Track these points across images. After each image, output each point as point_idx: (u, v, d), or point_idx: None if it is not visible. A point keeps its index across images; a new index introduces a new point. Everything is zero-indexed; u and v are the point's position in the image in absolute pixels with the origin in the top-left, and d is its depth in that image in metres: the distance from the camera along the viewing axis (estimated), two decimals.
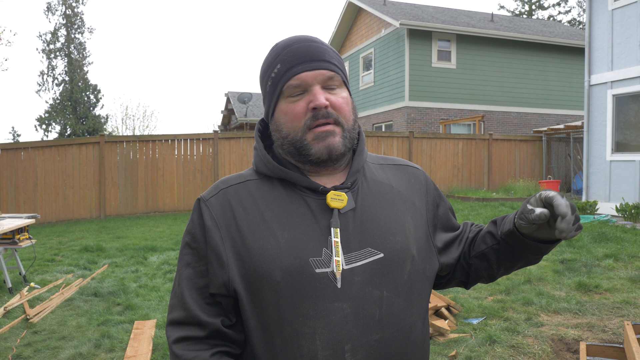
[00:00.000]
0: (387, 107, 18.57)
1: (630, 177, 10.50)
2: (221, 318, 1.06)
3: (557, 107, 19.13)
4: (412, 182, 1.22)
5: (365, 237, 1.07)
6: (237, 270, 1.04)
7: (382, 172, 1.20)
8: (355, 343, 1.01)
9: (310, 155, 1.07)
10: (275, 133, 1.12)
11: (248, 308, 1.04)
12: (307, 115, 1.06)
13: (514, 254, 1.15)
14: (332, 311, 1.01)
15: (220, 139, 13.34)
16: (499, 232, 1.16)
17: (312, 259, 1.02)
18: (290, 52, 1.08)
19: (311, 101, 1.06)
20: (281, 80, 1.08)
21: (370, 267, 1.05)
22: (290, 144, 1.09)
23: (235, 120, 26.84)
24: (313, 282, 1.01)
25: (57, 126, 32.89)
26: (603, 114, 11.13)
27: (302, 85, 1.07)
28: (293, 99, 1.08)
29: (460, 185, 15.40)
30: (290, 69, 1.07)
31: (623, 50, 10.64)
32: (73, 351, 4.03)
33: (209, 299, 1.06)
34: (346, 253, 1.04)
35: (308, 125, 1.06)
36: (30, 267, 6.80)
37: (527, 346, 3.91)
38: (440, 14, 19.96)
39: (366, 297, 1.03)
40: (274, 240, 1.04)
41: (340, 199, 1.07)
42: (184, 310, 1.06)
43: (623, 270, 5.92)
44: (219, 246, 1.05)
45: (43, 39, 33.10)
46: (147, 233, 9.87)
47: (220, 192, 1.11)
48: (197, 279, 1.07)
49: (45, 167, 11.75)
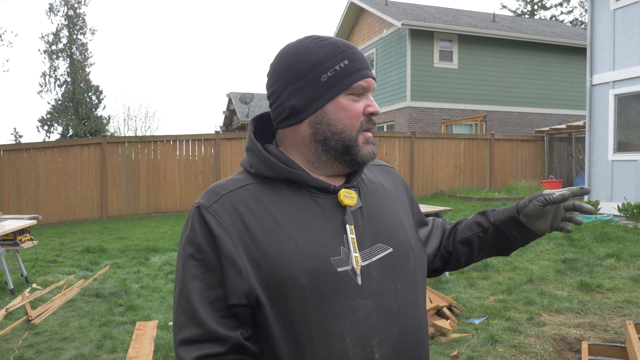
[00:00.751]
0: (389, 107, 18.57)
1: (632, 176, 10.48)
2: (240, 330, 1.01)
3: (559, 107, 19.11)
4: (395, 182, 1.30)
5: (375, 233, 1.10)
6: (255, 277, 1.00)
7: (371, 173, 1.26)
8: (381, 337, 1.03)
9: (358, 156, 1.11)
10: (323, 126, 1.10)
11: (271, 315, 1.00)
12: (363, 118, 1.10)
13: (499, 240, 1.28)
14: (357, 308, 1.02)
15: (222, 139, 13.35)
16: (492, 219, 1.29)
17: (332, 258, 1.03)
18: (356, 54, 1.12)
19: (369, 106, 1.11)
20: (351, 77, 1.08)
21: (384, 261, 1.08)
22: (341, 141, 1.09)
23: (237, 121, 26.86)
24: (336, 282, 1.01)
25: (59, 127, 32.93)
26: (605, 114, 11.11)
27: (367, 88, 1.11)
28: (355, 98, 1.10)
29: (462, 185, 15.39)
30: (361, 69, 1.10)
31: (625, 50, 10.62)
32: (75, 352, 4.03)
33: (224, 312, 1.00)
34: (360, 250, 1.06)
35: (363, 127, 1.10)
36: (32, 268, 6.81)
37: (529, 346, 3.90)
38: (442, 14, 19.95)
39: (384, 291, 1.06)
40: (292, 243, 1.02)
41: (352, 197, 1.10)
42: (198, 326, 0.99)
43: (625, 270, 5.91)
44: (234, 254, 1.01)
45: (45, 39, 33.15)
46: (149, 234, 9.88)
47: (222, 197, 1.07)
48: (208, 291, 1.01)
49: (47, 168, 11.77)
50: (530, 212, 1.20)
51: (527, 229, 1.22)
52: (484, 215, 1.31)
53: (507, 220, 1.24)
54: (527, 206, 1.20)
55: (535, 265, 6.32)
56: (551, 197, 1.15)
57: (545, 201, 1.16)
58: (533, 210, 1.19)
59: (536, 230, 1.22)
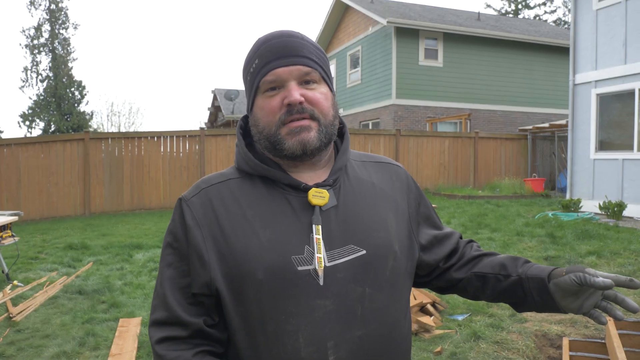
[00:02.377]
0: (374, 104, 18.62)
1: (613, 175, 10.63)
2: (203, 318, 1.05)
3: (543, 106, 19.31)
4: (393, 180, 1.23)
5: (348, 234, 1.07)
6: (219, 270, 1.04)
7: (364, 170, 1.21)
8: (338, 339, 1.02)
9: (284, 149, 1.07)
10: (253, 128, 1.13)
11: (231, 307, 1.04)
12: (282, 110, 1.06)
13: (515, 293, 1.17)
14: (315, 308, 1.01)
15: (207, 135, 13.28)
16: (519, 269, 1.17)
17: (294, 256, 1.02)
18: (268, 47, 1.08)
19: (286, 97, 1.06)
20: (258, 76, 1.09)
21: (353, 263, 1.05)
22: (266, 139, 1.09)
23: (222, 118, 26.75)
24: (295, 280, 1.01)
25: (41, 123, 32.45)
26: (587, 113, 11.25)
27: (278, 80, 1.07)
28: (269, 93, 1.08)
29: (446, 183, 15.49)
30: (266, 64, 1.07)
31: (607, 50, 10.76)
32: (57, 349, 3.99)
33: (191, 299, 1.05)
34: (328, 250, 1.04)
35: (282, 120, 1.06)
36: (13, 264, 6.72)
37: (512, 342, 3.95)
38: (428, 13, 20.04)
39: (349, 294, 1.03)
40: (256, 238, 1.04)
41: (322, 196, 1.07)
42: (166, 310, 1.06)
43: (606, 267, 5.99)
44: (200, 246, 1.05)
45: (26, 34, 32.61)
46: (133, 230, 9.80)
47: (201, 191, 1.11)
48: (179, 278, 1.07)
49: (29, 164, 11.61)
50: (562, 285, 1.06)
51: (551, 298, 1.09)
52: (514, 261, 1.20)
53: (534, 279, 1.12)
54: (562, 277, 1.06)
55: None
56: (592, 280, 1.00)
57: (583, 281, 1.01)
58: (566, 284, 1.05)
59: (561, 305, 1.09)
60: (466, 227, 8.84)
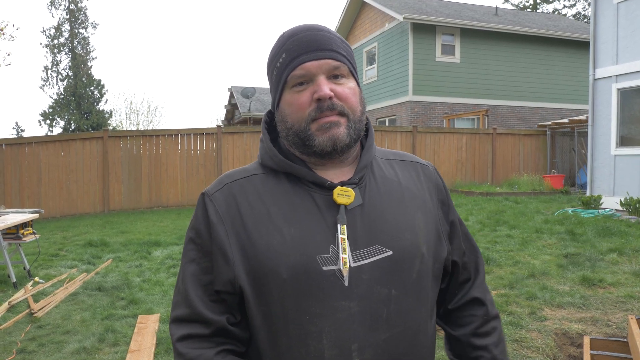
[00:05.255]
0: (391, 101, 18.53)
1: (634, 171, 10.45)
2: (226, 315, 1.04)
3: (562, 102, 19.05)
4: (421, 179, 1.18)
5: (374, 234, 1.04)
6: (242, 267, 1.02)
7: (391, 168, 1.17)
8: (362, 342, 0.99)
9: (314, 146, 1.04)
10: (281, 124, 1.10)
11: (253, 306, 1.02)
12: (312, 106, 1.03)
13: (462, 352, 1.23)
14: (339, 310, 0.99)
15: (224, 133, 13.33)
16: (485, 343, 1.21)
17: (319, 256, 1.00)
18: (296, 42, 1.06)
19: (315, 92, 1.03)
20: (286, 70, 1.06)
21: (379, 265, 1.02)
22: (295, 135, 1.06)
23: (238, 115, 26.83)
24: (320, 280, 0.99)
25: (61, 121, 32.94)
26: (608, 108, 11.07)
27: (307, 75, 1.04)
28: (298, 89, 1.05)
29: (463, 179, 15.37)
30: (295, 58, 1.04)
31: (628, 44, 10.57)
32: (77, 345, 4.05)
33: (214, 296, 1.04)
34: (354, 250, 1.01)
35: (312, 117, 1.03)
36: (34, 261, 6.82)
37: (531, 340, 3.90)
38: (444, 8, 19.87)
39: (374, 296, 1.01)
40: (280, 236, 1.01)
41: (347, 195, 1.04)
42: (188, 307, 1.04)
43: (627, 265, 5.90)
44: (224, 242, 1.03)
45: (47, 34, 33.10)
46: (151, 228, 9.89)
47: (224, 186, 1.09)
48: (201, 275, 1.05)
49: (49, 162, 11.78)
50: None
51: None
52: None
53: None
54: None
55: (537, 259, 6.32)
56: None
57: None
58: None
59: None
60: (484, 224, 8.76)
